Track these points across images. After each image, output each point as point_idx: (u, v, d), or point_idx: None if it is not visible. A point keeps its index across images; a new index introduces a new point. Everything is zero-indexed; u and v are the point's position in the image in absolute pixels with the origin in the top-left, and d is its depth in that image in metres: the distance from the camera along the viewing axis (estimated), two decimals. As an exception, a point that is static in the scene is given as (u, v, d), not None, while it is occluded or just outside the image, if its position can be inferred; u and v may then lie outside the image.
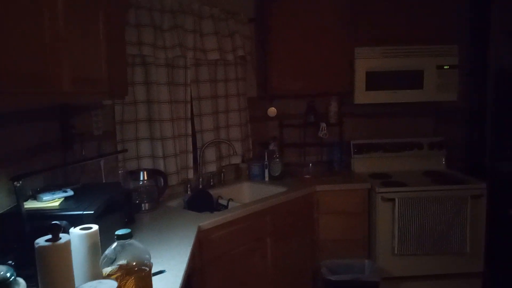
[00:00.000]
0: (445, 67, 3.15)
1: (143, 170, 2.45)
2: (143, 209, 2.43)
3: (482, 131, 3.23)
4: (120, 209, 1.92)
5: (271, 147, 3.36)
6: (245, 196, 3.10)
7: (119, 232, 1.14)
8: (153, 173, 2.49)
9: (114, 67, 1.84)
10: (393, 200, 2.88)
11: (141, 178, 2.42)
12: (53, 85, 1.33)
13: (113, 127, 2.46)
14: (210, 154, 2.97)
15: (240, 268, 2.42)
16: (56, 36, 1.30)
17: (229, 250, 2.34)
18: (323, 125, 3.42)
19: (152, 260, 1.67)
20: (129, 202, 2.20)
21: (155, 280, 1.54)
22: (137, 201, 2.44)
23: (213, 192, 2.89)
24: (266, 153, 3.20)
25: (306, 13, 3.13)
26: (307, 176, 3.20)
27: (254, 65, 3.38)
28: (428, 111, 3.56)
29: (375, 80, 3.15)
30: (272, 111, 3.46)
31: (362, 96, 3.17)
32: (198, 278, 2.11)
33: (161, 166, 2.58)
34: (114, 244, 1.14)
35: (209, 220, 2.22)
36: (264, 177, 3.18)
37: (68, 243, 1.11)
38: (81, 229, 1.26)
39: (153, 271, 1.60)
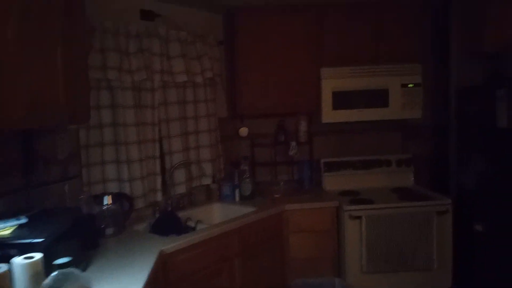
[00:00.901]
0: (410, 85, 3.23)
1: (107, 194, 2.44)
2: (108, 233, 2.41)
3: (446, 147, 3.30)
4: (80, 235, 1.91)
5: (243, 166, 3.38)
6: (216, 217, 3.11)
7: (58, 261, 1.14)
8: (118, 197, 2.49)
9: (74, 93, 1.86)
10: (360, 217, 2.92)
11: (105, 202, 2.41)
12: (5, 112, 1.35)
13: (78, 150, 2.46)
14: (180, 175, 2.98)
15: (207, 290, 2.41)
16: (8, 63, 1.32)
17: (195, 272, 2.33)
18: (293, 144, 3.47)
19: (110, 286, 1.68)
20: (92, 227, 2.19)
21: (108, 307, 1.55)
22: (103, 226, 2.43)
23: (183, 214, 2.89)
24: (236, 173, 3.22)
25: (273, 34, 3.20)
26: (277, 195, 3.23)
27: (224, 86, 3.42)
28: (396, 128, 3.64)
29: (341, 100, 3.21)
30: (243, 131, 3.50)
31: (329, 115, 3.23)
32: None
33: (127, 189, 2.58)
34: (54, 273, 1.14)
35: (172, 244, 2.22)
36: (234, 197, 3.20)
37: (6, 274, 1.11)
38: (25, 258, 1.26)
39: (107, 297, 1.61)
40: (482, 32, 2.81)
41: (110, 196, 2.43)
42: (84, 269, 1.88)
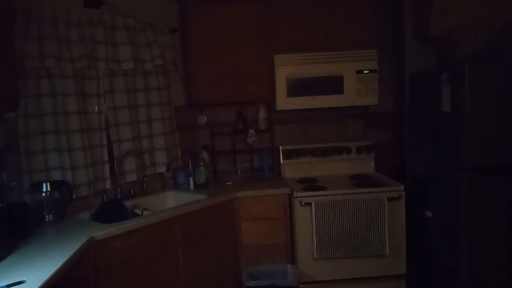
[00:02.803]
0: (365, 71, 3.20)
1: (46, 181, 2.44)
2: (47, 220, 2.42)
3: (402, 134, 3.27)
4: (2, 223, 1.92)
5: (201, 155, 3.37)
6: (168, 205, 3.09)
7: None
8: (58, 185, 2.48)
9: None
10: (310, 204, 2.90)
11: (44, 190, 2.42)
12: None
13: (16, 140, 2.45)
14: (129, 163, 2.98)
15: (145, 279, 2.41)
16: None
17: (131, 260, 2.33)
18: (252, 131, 3.46)
19: (22, 272, 1.69)
20: (23, 215, 2.19)
21: (9, 291, 1.55)
22: (44, 213, 2.44)
23: (132, 202, 2.89)
24: (190, 161, 3.21)
25: (225, 22, 3.18)
26: (229, 183, 3.21)
27: (180, 74, 3.40)
28: (357, 116, 3.60)
29: (296, 87, 3.18)
30: (201, 119, 3.49)
31: (284, 102, 3.21)
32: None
33: (69, 177, 2.57)
34: None
35: (105, 230, 2.22)
36: (189, 186, 3.19)
37: None
38: None
39: (14, 281, 1.62)
40: (429, 18, 2.76)
41: (48, 183, 2.43)
42: (3, 257, 1.88)
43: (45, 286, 1.61)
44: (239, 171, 3.41)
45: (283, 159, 3.49)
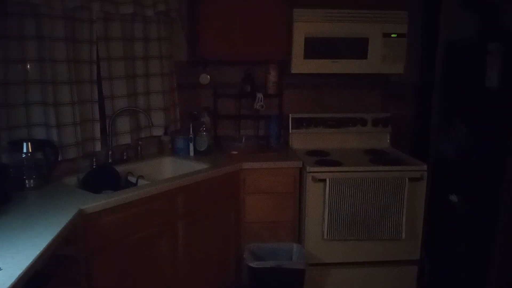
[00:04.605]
0: (393, 35, 2.85)
1: (27, 140, 2.08)
2: (27, 186, 2.08)
3: (428, 108, 2.97)
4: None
5: (202, 118, 3.03)
6: (165, 172, 2.78)
7: None
8: (42, 144, 2.13)
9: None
10: (324, 180, 2.62)
11: (25, 150, 2.06)
12: None
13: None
14: (123, 124, 2.62)
15: (142, 257, 2.12)
16: None
17: (125, 236, 2.03)
18: (260, 95, 3.10)
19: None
20: (2, 178, 1.85)
21: (-20, 281, 1.23)
22: (24, 177, 2.09)
23: (125, 167, 2.55)
24: (191, 125, 2.87)
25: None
26: (235, 152, 2.89)
27: (184, 25, 3.00)
28: (375, 86, 3.28)
29: (314, 47, 2.82)
30: (204, 78, 3.11)
31: (300, 65, 2.85)
32: (78, 271, 1.81)
33: (54, 136, 2.21)
34: None
35: (96, 202, 1.90)
36: (189, 152, 2.86)
37: None
38: None
39: (-13, 268, 1.29)
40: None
41: (30, 142, 2.07)
42: (-27, 230, 1.56)
43: (26, 273, 1.30)
44: (243, 139, 3.08)
45: (292, 128, 3.17)
